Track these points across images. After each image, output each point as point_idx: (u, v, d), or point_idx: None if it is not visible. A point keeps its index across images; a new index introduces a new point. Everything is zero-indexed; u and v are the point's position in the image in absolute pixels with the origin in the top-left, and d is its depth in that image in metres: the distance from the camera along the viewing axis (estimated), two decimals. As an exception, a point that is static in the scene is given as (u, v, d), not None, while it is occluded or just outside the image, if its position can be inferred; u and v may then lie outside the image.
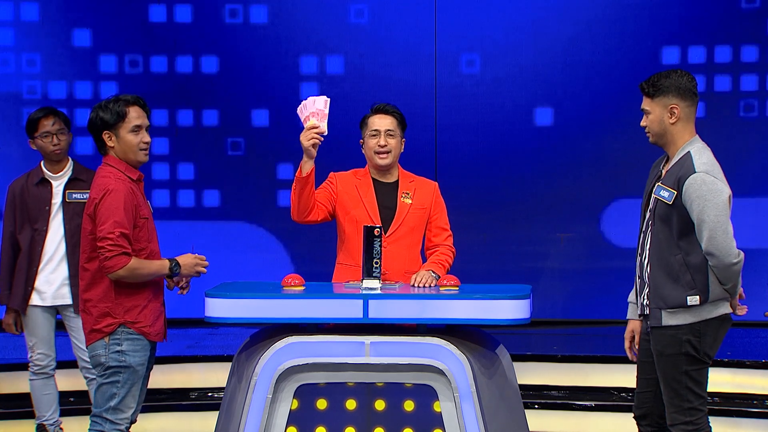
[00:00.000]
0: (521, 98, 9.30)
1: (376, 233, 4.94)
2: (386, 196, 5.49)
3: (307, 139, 5.16)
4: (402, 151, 5.55)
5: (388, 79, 9.22)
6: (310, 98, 5.19)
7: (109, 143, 4.92)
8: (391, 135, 5.45)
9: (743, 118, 9.19)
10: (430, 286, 5.07)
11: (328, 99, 5.18)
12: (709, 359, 4.78)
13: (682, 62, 9.16)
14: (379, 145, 5.44)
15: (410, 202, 5.48)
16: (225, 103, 9.42)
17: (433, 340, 4.63)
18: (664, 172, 4.82)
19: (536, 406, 7.06)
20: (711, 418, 6.83)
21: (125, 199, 4.81)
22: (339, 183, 5.50)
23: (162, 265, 4.90)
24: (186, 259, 4.97)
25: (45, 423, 6.28)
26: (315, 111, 5.15)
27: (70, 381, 6.94)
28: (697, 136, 4.81)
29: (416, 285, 5.10)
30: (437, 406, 4.66)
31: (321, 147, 5.17)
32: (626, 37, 9.18)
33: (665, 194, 4.72)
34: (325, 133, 5.17)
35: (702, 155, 4.72)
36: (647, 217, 4.84)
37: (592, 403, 7.06)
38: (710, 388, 7.03)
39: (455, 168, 9.27)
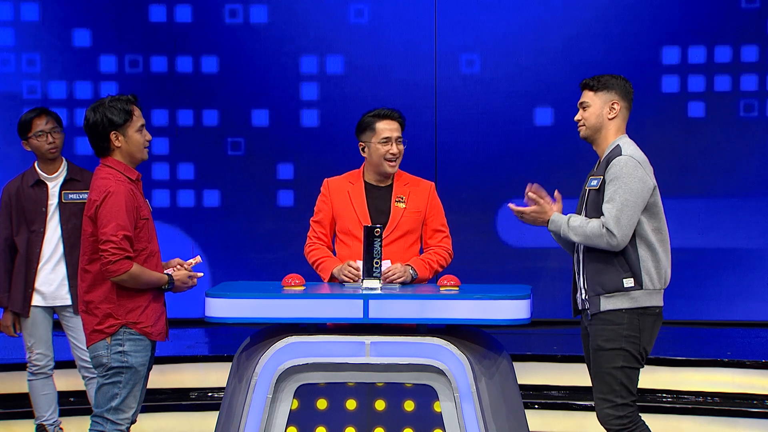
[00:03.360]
0: (521, 98, 9.29)
1: (376, 233, 4.94)
2: (380, 200, 5.46)
3: (343, 274, 5.26)
4: None
5: (388, 79, 9.21)
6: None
7: (116, 143, 4.89)
8: (400, 141, 5.43)
9: (743, 118, 9.18)
10: (401, 283, 5.14)
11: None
12: (646, 355, 4.87)
13: (682, 62, 9.16)
14: (391, 153, 5.39)
15: (404, 206, 5.44)
16: (225, 103, 9.41)
17: (433, 340, 4.63)
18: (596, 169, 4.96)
19: (536, 406, 7.05)
20: (711, 418, 6.85)
21: (126, 200, 4.80)
22: (332, 191, 5.49)
23: (161, 278, 4.90)
24: (179, 275, 4.99)
25: (44, 423, 6.28)
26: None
27: (69, 381, 6.93)
28: (626, 134, 4.95)
29: (389, 277, 5.14)
30: (437, 406, 4.66)
31: (321, 146, 5.19)
32: (626, 37, 9.18)
33: (594, 182, 4.88)
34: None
35: (630, 146, 4.88)
36: (582, 213, 4.93)
37: (592, 403, 7.03)
38: (710, 388, 7.10)
39: (455, 168, 9.26)
